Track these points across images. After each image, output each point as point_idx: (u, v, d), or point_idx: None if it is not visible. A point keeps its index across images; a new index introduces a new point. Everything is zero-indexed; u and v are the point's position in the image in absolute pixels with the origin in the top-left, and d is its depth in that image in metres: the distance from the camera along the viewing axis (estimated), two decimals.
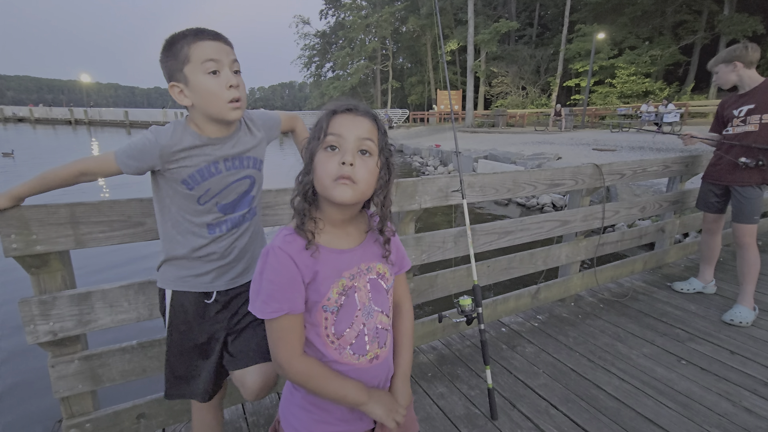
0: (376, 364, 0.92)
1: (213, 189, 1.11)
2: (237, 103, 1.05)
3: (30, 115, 49.07)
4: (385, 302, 0.94)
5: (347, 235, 0.90)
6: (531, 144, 14.26)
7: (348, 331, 0.88)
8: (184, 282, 1.17)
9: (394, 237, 0.98)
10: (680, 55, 24.32)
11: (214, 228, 1.14)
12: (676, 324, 2.51)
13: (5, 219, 1.16)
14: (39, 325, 1.27)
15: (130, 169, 1.06)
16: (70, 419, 1.43)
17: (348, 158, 0.80)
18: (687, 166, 3.07)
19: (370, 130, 0.83)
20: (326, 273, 0.84)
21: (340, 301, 0.86)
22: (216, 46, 1.03)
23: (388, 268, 0.94)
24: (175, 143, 1.05)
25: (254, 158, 1.19)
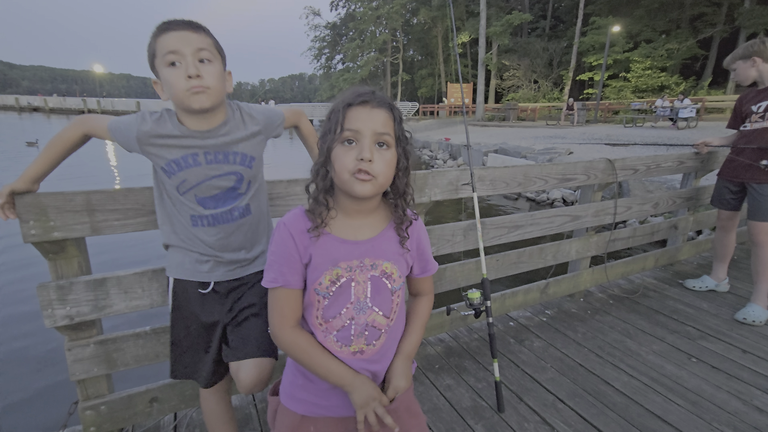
0: (360, 359, 0.90)
1: (189, 180, 1.10)
2: (197, 88, 1.01)
3: (44, 105, 49.78)
4: (386, 303, 0.91)
5: (359, 227, 0.89)
6: (542, 138, 14.10)
7: (334, 319, 0.88)
8: (183, 270, 1.19)
9: (423, 242, 0.97)
10: (698, 49, 23.74)
11: (195, 220, 1.14)
12: (687, 321, 2.49)
13: (24, 206, 1.18)
14: (56, 309, 1.30)
15: (117, 141, 1.11)
16: (85, 401, 1.47)
17: (366, 154, 0.79)
18: (702, 162, 3.01)
19: (386, 122, 0.82)
20: (321, 259, 0.85)
21: (332, 288, 0.86)
22: (178, 37, 1.00)
23: (398, 268, 0.91)
24: (154, 129, 1.07)
25: (243, 154, 1.15)
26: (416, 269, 0.99)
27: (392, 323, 0.94)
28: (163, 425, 1.65)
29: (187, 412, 1.70)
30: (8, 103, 54.74)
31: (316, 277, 0.86)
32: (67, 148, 1.12)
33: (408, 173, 0.88)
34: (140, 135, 1.07)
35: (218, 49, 1.08)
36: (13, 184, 1.14)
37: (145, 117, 1.09)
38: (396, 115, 0.85)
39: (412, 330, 0.99)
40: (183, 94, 1.01)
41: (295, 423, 0.92)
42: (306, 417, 0.92)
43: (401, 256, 0.93)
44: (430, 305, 1.05)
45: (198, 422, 1.66)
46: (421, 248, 0.98)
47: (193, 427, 1.64)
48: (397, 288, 0.92)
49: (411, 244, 0.95)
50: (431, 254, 1.02)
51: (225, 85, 1.10)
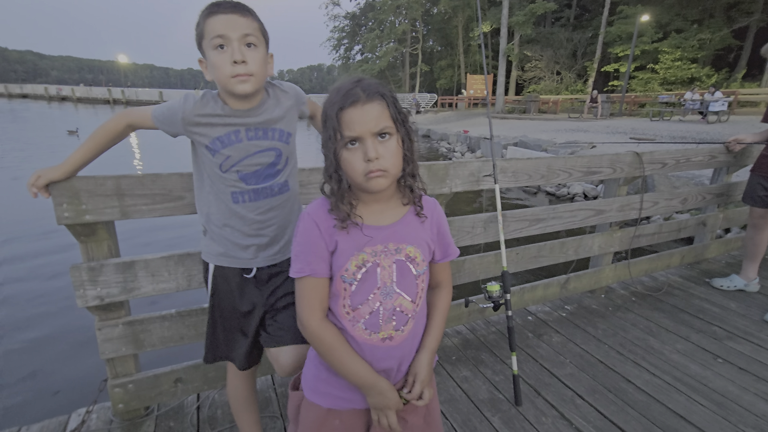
0: (390, 345, 0.91)
1: (234, 156, 1.13)
2: (243, 77, 1.03)
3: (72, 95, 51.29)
4: (411, 287, 0.91)
5: (381, 213, 0.90)
6: (564, 132, 13.78)
7: (362, 306, 0.88)
8: (226, 258, 1.21)
9: (443, 225, 0.98)
10: (732, 39, 22.66)
11: (237, 196, 1.16)
12: (713, 321, 2.42)
13: (58, 189, 1.23)
14: (88, 290, 1.35)
15: (161, 127, 1.14)
16: (114, 379, 1.53)
17: (371, 153, 0.80)
18: (735, 157, 2.90)
19: (380, 115, 0.81)
20: (346, 245, 0.86)
21: (358, 274, 0.87)
22: (226, 20, 1.01)
23: (421, 252, 0.92)
24: (198, 109, 1.10)
25: (281, 130, 1.19)
26: (438, 253, 0.98)
27: (418, 309, 0.94)
28: (187, 405, 1.70)
29: (210, 394, 1.75)
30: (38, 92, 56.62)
31: (342, 263, 0.87)
32: (110, 139, 1.16)
33: (414, 152, 0.88)
34: (185, 115, 1.10)
35: (263, 33, 1.09)
36: (52, 174, 1.18)
37: (188, 98, 1.12)
38: (389, 100, 0.83)
39: (434, 324, 0.99)
40: (227, 79, 1.03)
41: (321, 417, 0.93)
42: (332, 410, 0.93)
43: (424, 240, 0.93)
44: (450, 297, 1.04)
45: (220, 403, 1.71)
46: (442, 231, 0.98)
47: (215, 408, 1.69)
48: (421, 272, 0.93)
49: (431, 226, 0.95)
50: (451, 238, 1.02)
51: (267, 70, 1.11)
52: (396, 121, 0.83)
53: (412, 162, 0.89)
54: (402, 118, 0.85)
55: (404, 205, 0.93)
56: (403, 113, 0.85)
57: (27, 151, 12.84)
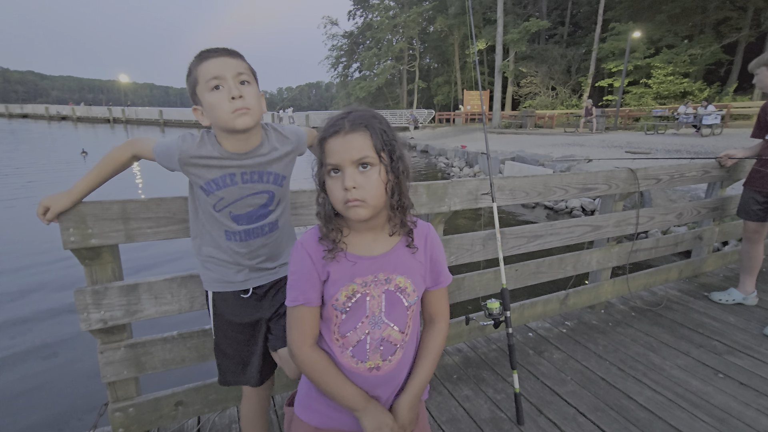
0: (376, 375, 0.91)
1: (227, 198, 1.16)
2: (242, 110, 1.06)
3: (72, 114, 51.70)
4: (401, 318, 0.92)
5: (372, 242, 0.91)
6: (560, 146, 13.92)
7: (350, 334, 0.90)
8: (221, 284, 1.25)
9: (436, 252, 0.97)
10: (722, 54, 23.15)
11: (229, 235, 1.20)
12: (713, 336, 2.42)
13: (66, 214, 1.25)
14: (91, 313, 1.36)
15: (160, 162, 1.17)
16: (115, 403, 1.52)
17: (348, 182, 0.80)
18: (728, 172, 2.94)
19: (362, 145, 0.81)
20: (338, 275, 0.88)
21: (348, 304, 0.88)
22: (218, 63, 1.06)
23: (411, 282, 0.92)
24: (195, 151, 1.13)
25: (276, 174, 1.21)
26: (429, 280, 0.98)
27: (407, 338, 0.94)
28: (187, 428, 1.69)
29: (210, 417, 1.74)
30: (39, 112, 57.09)
31: (333, 293, 0.88)
32: (116, 167, 1.20)
33: (401, 184, 0.86)
34: (182, 156, 1.12)
35: (253, 72, 1.14)
36: (62, 205, 1.21)
37: (186, 139, 1.14)
38: (374, 131, 0.82)
39: (422, 365, 0.97)
40: (228, 116, 1.06)
41: None
42: (319, 429, 0.94)
43: (415, 271, 0.93)
44: (444, 335, 1.01)
45: (220, 426, 1.70)
46: (435, 258, 0.97)
47: (215, 431, 1.68)
48: (412, 303, 0.93)
49: (423, 254, 0.95)
50: (446, 266, 1.01)
51: (262, 107, 1.15)
52: (380, 152, 0.82)
53: (400, 194, 0.87)
54: (389, 150, 0.84)
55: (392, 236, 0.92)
56: (392, 145, 0.84)
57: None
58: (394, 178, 0.85)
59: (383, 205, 0.86)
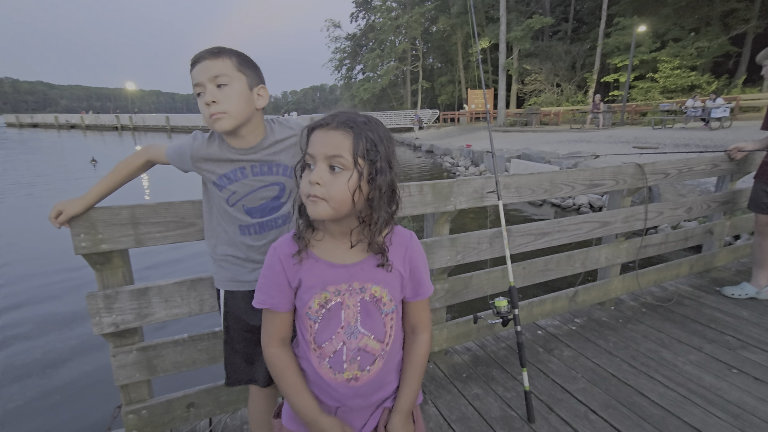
0: (355, 386, 0.89)
1: (239, 192, 1.19)
2: (216, 115, 1.09)
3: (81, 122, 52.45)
4: (377, 327, 0.89)
5: (347, 250, 0.88)
6: (566, 143, 13.84)
7: (327, 344, 0.88)
8: (233, 283, 1.27)
9: (417, 261, 0.93)
10: (730, 46, 22.81)
11: (243, 229, 1.22)
12: (726, 331, 2.39)
13: (76, 220, 1.27)
14: (103, 317, 1.38)
15: (174, 163, 1.22)
16: (128, 405, 1.54)
17: (314, 177, 0.79)
18: (738, 165, 2.91)
19: (338, 144, 0.79)
20: (310, 282, 0.87)
21: (321, 312, 0.87)
22: (199, 69, 1.08)
23: (388, 292, 0.89)
24: (206, 148, 1.17)
25: (284, 165, 1.23)
26: (409, 292, 0.95)
27: (388, 347, 0.92)
28: (199, 430, 1.71)
29: (222, 418, 1.76)
30: (48, 121, 58.00)
31: (305, 300, 0.87)
32: (131, 172, 1.24)
33: (373, 199, 0.82)
34: (193, 153, 1.18)
35: (241, 69, 1.11)
36: (74, 209, 1.23)
37: (197, 137, 1.19)
38: (358, 137, 0.79)
39: (408, 380, 0.95)
40: (208, 120, 1.11)
41: None
42: None
43: (393, 279, 0.90)
44: (427, 347, 0.98)
45: (232, 427, 1.72)
46: (414, 269, 0.93)
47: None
48: (389, 311, 0.90)
49: (402, 265, 0.91)
50: (427, 275, 0.97)
51: (251, 104, 1.14)
52: (357, 158, 0.79)
53: (371, 208, 0.83)
54: (370, 160, 0.80)
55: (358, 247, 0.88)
56: (374, 156, 0.80)
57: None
58: (367, 189, 0.81)
59: (349, 213, 0.82)
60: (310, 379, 0.92)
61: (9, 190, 11.17)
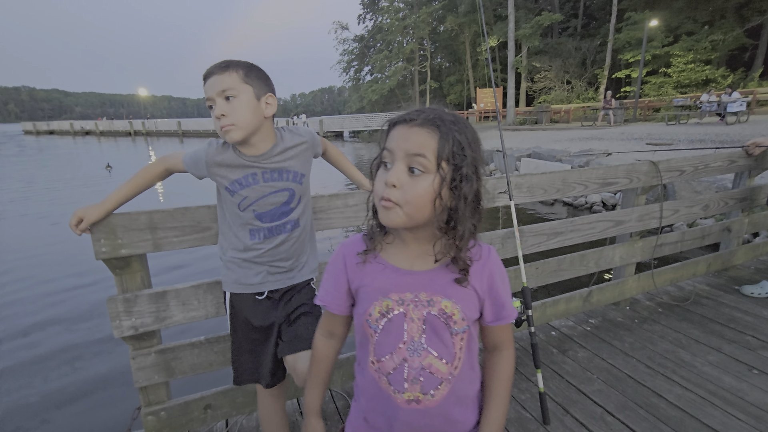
0: (416, 409, 0.79)
1: (250, 197, 1.23)
2: (226, 127, 1.14)
3: (95, 129, 53.48)
4: (445, 348, 0.78)
5: (417, 256, 0.80)
6: (578, 140, 13.68)
7: (387, 359, 0.79)
8: (239, 285, 1.30)
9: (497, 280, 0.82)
10: (746, 38, 22.29)
11: (253, 233, 1.26)
12: (746, 330, 2.34)
13: (97, 226, 1.31)
14: (123, 320, 1.41)
15: (190, 171, 1.26)
16: (147, 407, 1.57)
17: (390, 177, 0.71)
18: (756, 160, 2.85)
19: (422, 144, 0.70)
20: (372, 286, 0.80)
21: (381, 322, 0.79)
22: (210, 84, 1.14)
23: (460, 309, 0.78)
24: (219, 155, 1.21)
25: (294, 172, 1.28)
26: (488, 315, 0.83)
27: (456, 371, 0.80)
28: (216, 431, 1.74)
29: (238, 419, 1.78)
30: (64, 128, 59.26)
31: (366, 306, 0.81)
32: (150, 180, 1.28)
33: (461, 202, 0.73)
34: (207, 159, 1.22)
35: (247, 80, 1.16)
36: (94, 215, 1.27)
37: (211, 144, 1.24)
38: (448, 137, 0.71)
39: (494, 401, 0.84)
40: (219, 132, 1.17)
41: None
42: None
43: (468, 296, 0.79)
44: (512, 363, 0.88)
45: (248, 428, 1.74)
46: (494, 290, 0.82)
47: None
48: (461, 330, 0.79)
49: (480, 284, 0.80)
50: (509, 297, 0.84)
51: (259, 113, 1.18)
52: (441, 160, 0.71)
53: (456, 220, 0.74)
54: (454, 164, 0.72)
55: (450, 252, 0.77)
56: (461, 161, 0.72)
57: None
58: (448, 197, 0.73)
59: (426, 221, 0.74)
60: (370, 395, 0.84)
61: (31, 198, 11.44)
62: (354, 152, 23.07)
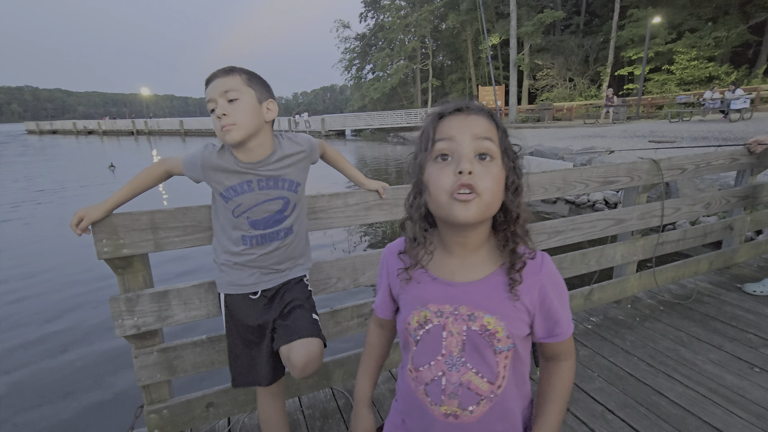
0: (453, 423, 0.74)
1: (244, 204, 1.23)
2: (226, 127, 1.15)
3: (98, 128, 53.64)
4: (487, 366, 0.72)
5: (459, 266, 0.74)
6: (580, 138, 13.62)
7: (425, 369, 0.75)
8: (232, 287, 1.32)
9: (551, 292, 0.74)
10: (750, 35, 22.15)
11: (246, 239, 1.27)
12: (747, 328, 2.34)
13: (99, 226, 1.32)
14: (125, 319, 1.42)
15: (187, 173, 1.27)
16: (150, 405, 1.59)
17: (465, 165, 0.64)
18: (759, 158, 2.83)
19: (487, 128, 0.68)
20: (411, 294, 0.77)
21: (419, 332, 0.75)
22: (212, 86, 1.16)
23: (505, 327, 0.71)
24: (215, 159, 1.22)
25: (290, 180, 1.29)
26: (539, 331, 0.76)
27: (499, 391, 0.74)
28: (218, 429, 1.75)
29: (240, 417, 1.79)
30: (67, 127, 59.48)
31: (405, 315, 0.78)
32: (150, 181, 1.29)
33: (520, 194, 0.71)
34: (204, 162, 1.23)
35: (250, 84, 1.18)
36: (95, 215, 1.28)
37: (207, 147, 1.25)
38: (499, 123, 0.70)
39: (547, 409, 0.78)
40: (219, 133, 1.17)
41: None
42: None
43: (515, 312, 0.72)
44: (571, 374, 0.80)
45: (250, 427, 1.75)
46: (547, 304, 0.74)
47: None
48: (504, 349, 0.72)
49: (530, 298, 0.73)
50: (566, 310, 0.76)
51: (260, 116, 1.20)
52: (503, 149, 0.69)
53: (517, 206, 0.70)
54: (511, 152, 0.71)
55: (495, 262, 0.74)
56: (513, 150, 0.72)
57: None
58: (515, 183, 0.70)
59: (493, 212, 0.69)
60: (407, 401, 0.81)
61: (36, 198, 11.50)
62: (356, 151, 23.06)
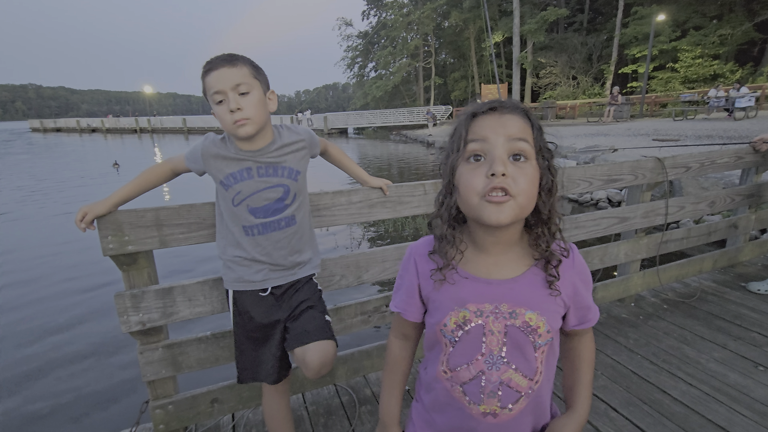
0: (491, 423, 0.74)
1: (244, 191, 1.23)
2: (241, 121, 1.14)
3: (101, 126, 53.81)
4: (527, 363, 0.73)
5: (495, 264, 0.74)
6: (583, 136, 13.57)
7: (462, 369, 0.74)
8: (241, 283, 1.31)
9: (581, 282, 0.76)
10: (755, 33, 21.97)
11: (247, 229, 1.27)
12: (752, 327, 2.33)
13: (104, 223, 1.32)
14: (131, 316, 1.43)
15: (190, 167, 1.28)
16: (155, 400, 1.60)
17: (498, 167, 0.63)
18: (763, 156, 2.82)
19: (522, 128, 0.67)
20: (446, 295, 0.74)
21: (458, 333, 0.73)
22: (219, 76, 1.12)
23: (546, 321, 0.72)
24: (216, 147, 1.23)
25: (290, 168, 1.28)
26: (572, 319, 0.78)
27: (536, 386, 0.75)
28: (222, 424, 1.76)
29: (244, 413, 1.80)
30: (71, 125, 59.66)
31: (440, 317, 0.75)
32: (155, 180, 1.31)
33: (554, 194, 0.71)
34: (204, 151, 1.24)
35: (256, 76, 1.18)
36: (98, 210, 1.28)
37: (208, 137, 1.26)
38: (534, 122, 0.69)
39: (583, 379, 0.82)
40: (230, 126, 1.16)
41: None
42: None
43: (554, 306, 0.73)
44: (593, 340, 0.87)
45: (254, 422, 1.76)
46: (579, 294, 0.76)
47: (250, 427, 1.74)
48: (543, 344, 0.73)
49: (565, 287, 0.74)
50: (591, 299, 0.80)
51: (266, 109, 1.21)
52: (538, 149, 0.69)
53: (550, 207, 0.71)
54: (546, 151, 0.71)
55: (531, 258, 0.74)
56: (548, 148, 0.72)
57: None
58: (549, 182, 0.70)
59: (526, 213, 0.69)
60: (443, 403, 0.79)
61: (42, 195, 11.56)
62: (358, 149, 23.05)
